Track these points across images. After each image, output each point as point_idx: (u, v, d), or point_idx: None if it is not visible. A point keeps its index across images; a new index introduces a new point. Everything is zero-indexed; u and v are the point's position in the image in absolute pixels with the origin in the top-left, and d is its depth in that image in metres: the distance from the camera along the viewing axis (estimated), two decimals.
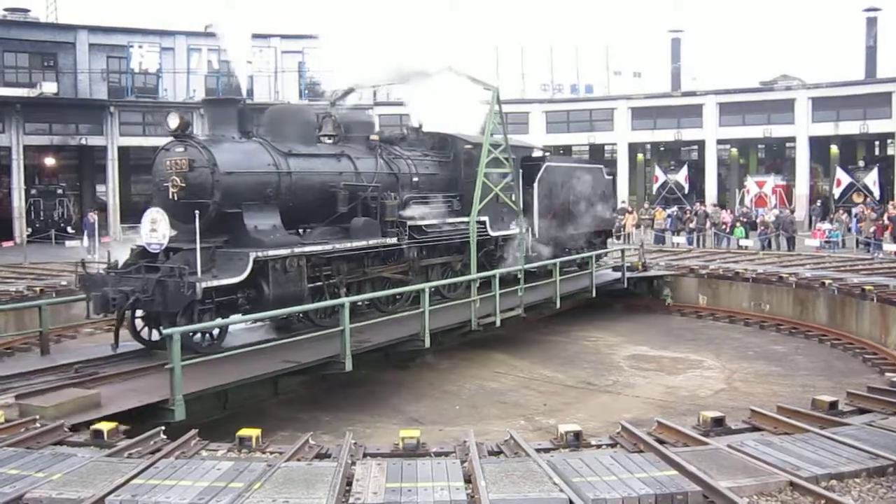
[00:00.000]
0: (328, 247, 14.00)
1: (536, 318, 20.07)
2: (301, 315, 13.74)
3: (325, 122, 15.89)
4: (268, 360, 11.78)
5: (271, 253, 12.56)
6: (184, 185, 12.44)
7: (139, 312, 12.63)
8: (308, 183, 14.23)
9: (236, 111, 13.69)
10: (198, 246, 11.67)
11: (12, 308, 16.27)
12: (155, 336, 12.48)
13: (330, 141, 15.73)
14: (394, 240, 15.32)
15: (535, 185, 19.74)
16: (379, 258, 15.53)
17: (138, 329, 12.84)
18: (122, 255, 13.00)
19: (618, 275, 21.98)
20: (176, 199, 12.44)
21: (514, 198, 17.87)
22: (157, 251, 12.25)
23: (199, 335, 12.18)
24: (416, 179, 16.93)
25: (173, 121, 12.74)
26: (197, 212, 11.82)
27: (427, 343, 13.96)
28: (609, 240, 25.36)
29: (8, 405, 9.34)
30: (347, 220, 14.74)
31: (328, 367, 12.39)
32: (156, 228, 12.23)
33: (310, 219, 14.58)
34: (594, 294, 20.21)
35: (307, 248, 13.50)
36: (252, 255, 12.20)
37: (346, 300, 12.44)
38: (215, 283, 11.80)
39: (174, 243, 12.30)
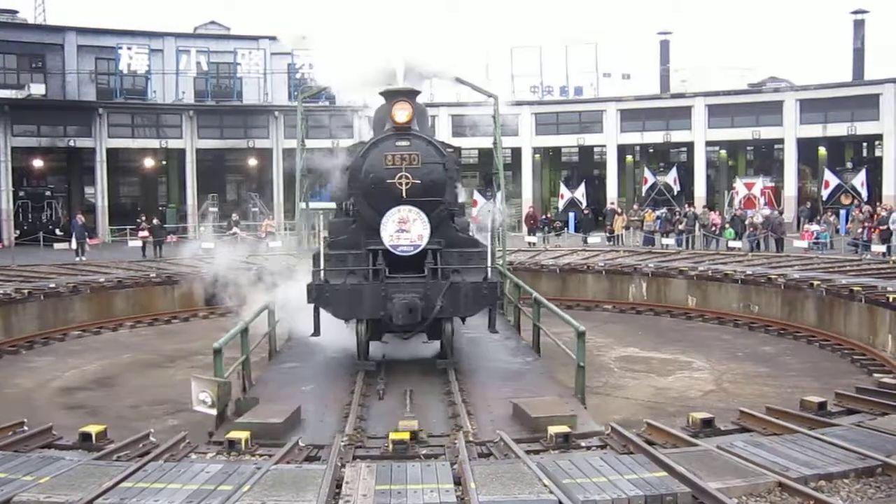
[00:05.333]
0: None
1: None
2: None
3: None
4: None
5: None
6: (417, 181, 11.63)
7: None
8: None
9: None
10: (489, 245, 11.46)
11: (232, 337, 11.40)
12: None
13: None
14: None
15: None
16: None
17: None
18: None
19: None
20: (406, 196, 11.63)
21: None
22: (410, 254, 11.59)
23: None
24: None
25: (403, 113, 11.69)
26: (489, 210, 11.65)
27: None
28: None
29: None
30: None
31: None
32: (406, 229, 11.50)
33: None
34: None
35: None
36: (488, 254, 11.93)
37: (533, 292, 12.86)
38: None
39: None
